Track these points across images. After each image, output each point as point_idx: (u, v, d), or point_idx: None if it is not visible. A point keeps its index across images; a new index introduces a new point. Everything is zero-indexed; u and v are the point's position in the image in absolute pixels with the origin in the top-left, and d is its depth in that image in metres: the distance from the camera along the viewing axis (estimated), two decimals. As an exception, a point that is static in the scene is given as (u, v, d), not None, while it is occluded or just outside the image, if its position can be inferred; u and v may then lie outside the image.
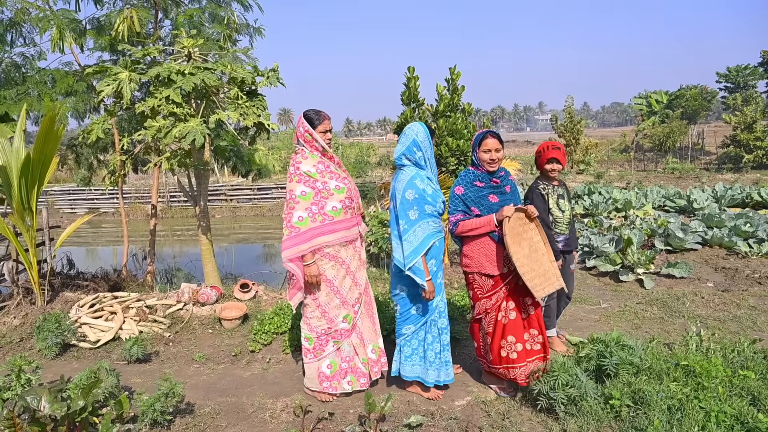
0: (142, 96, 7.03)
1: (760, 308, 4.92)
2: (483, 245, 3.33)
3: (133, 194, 22.63)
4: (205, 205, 6.01)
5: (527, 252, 3.30)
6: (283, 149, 30.26)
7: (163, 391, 3.05)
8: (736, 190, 11.72)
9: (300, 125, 3.38)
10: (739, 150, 22.75)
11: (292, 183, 3.29)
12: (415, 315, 3.38)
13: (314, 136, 3.33)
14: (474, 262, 3.38)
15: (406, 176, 3.26)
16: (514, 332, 3.32)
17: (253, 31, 7.13)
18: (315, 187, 3.27)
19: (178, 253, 15.12)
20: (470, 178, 3.41)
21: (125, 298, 5.20)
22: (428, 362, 3.39)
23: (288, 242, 3.28)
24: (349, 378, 3.47)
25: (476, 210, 3.35)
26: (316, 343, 3.44)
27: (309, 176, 3.28)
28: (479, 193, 3.35)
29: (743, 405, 2.81)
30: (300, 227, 3.24)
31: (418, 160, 3.30)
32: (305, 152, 3.36)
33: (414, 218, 3.20)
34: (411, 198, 3.20)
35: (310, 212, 3.25)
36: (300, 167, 3.30)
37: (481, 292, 3.40)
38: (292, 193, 3.27)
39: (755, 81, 40.65)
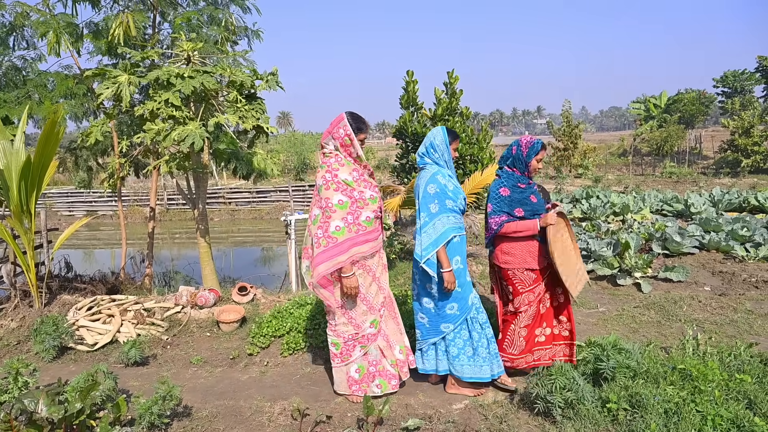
0: (142, 99, 7.04)
1: (756, 312, 4.93)
2: (526, 243, 3.49)
3: (132, 197, 22.64)
4: (204, 208, 6.02)
5: (561, 252, 3.44)
6: (282, 152, 30.30)
7: (160, 394, 3.05)
8: (733, 194, 11.75)
9: (340, 127, 3.23)
10: (736, 154, 22.83)
11: (329, 191, 3.16)
12: (451, 314, 3.41)
13: (354, 143, 3.25)
14: (517, 259, 3.51)
15: (428, 173, 3.37)
16: (547, 320, 3.60)
17: (252, 34, 7.15)
18: (352, 196, 3.19)
19: (176, 256, 15.12)
20: (513, 180, 3.55)
21: (123, 301, 5.20)
22: (480, 357, 3.42)
23: (323, 255, 3.16)
24: (378, 381, 3.45)
25: (520, 211, 3.47)
26: (343, 348, 3.41)
27: (347, 185, 3.19)
28: (523, 195, 3.51)
29: (739, 409, 2.82)
30: (337, 237, 3.14)
31: (437, 160, 3.42)
32: (340, 158, 3.25)
33: (434, 211, 3.27)
34: (432, 192, 3.29)
35: (346, 222, 3.16)
36: (338, 175, 3.18)
37: (522, 287, 3.54)
38: (328, 202, 3.15)
39: (752, 86, 40.80)
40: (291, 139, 31.49)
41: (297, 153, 29.60)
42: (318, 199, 3.24)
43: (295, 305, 4.89)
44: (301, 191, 22.92)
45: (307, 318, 4.58)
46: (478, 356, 3.42)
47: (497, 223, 3.49)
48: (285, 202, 22.32)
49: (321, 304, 4.80)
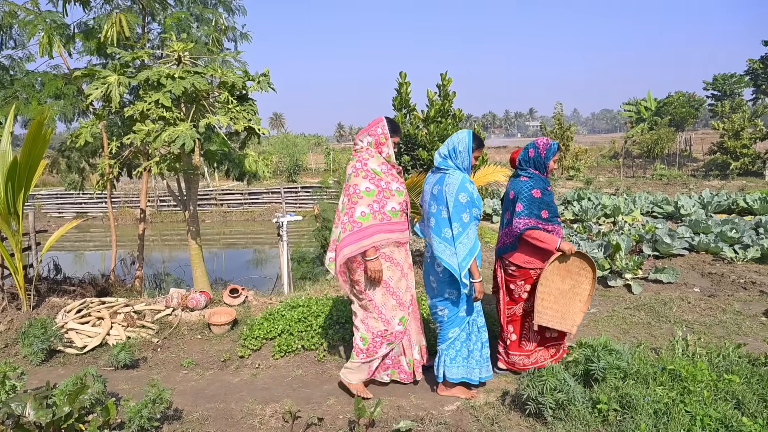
0: (132, 100, 7.00)
1: (745, 313, 4.98)
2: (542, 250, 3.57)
3: (122, 198, 22.48)
4: (195, 209, 5.99)
5: (566, 288, 3.58)
6: (275, 154, 30.21)
7: (150, 398, 3.02)
8: (722, 196, 11.87)
9: (378, 127, 3.45)
10: (726, 157, 23.06)
11: (358, 178, 3.32)
12: (461, 317, 3.44)
13: (388, 142, 3.44)
14: (538, 256, 3.59)
15: (455, 180, 3.30)
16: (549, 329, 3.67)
17: (240, 36, 7.13)
18: (379, 185, 3.33)
19: (167, 258, 15.02)
20: (542, 183, 3.64)
21: (113, 304, 5.15)
22: (474, 361, 3.46)
23: (349, 238, 3.28)
24: (390, 371, 3.62)
25: (545, 213, 3.58)
26: (371, 344, 3.48)
27: (375, 174, 3.35)
28: (549, 197, 3.64)
29: (728, 409, 2.84)
30: (362, 222, 3.27)
31: (458, 165, 3.38)
32: (371, 151, 3.44)
33: (466, 221, 3.26)
34: (465, 201, 3.25)
35: (371, 209, 3.29)
36: (368, 164, 3.36)
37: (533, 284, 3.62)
38: (356, 188, 3.30)
39: (741, 89, 41.25)
40: (283, 140, 31.42)
41: (289, 154, 29.50)
42: (346, 187, 3.38)
43: (286, 307, 4.87)
44: (294, 193, 22.86)
45: (298, 320, 4.56)
46: (471, 358, 3.46)
47: (526, 224, 3.52)
48: (277, 204, 22.26)
49: (312, 306, 4.79)
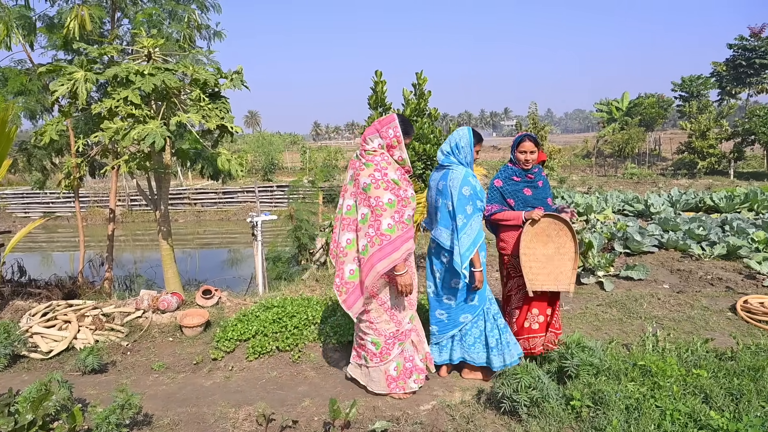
0: (100, 96, 6.81)
1: (712, 309, 5.11)
2: (517, 233, 3.76)
3: (92, 198, 21.92)
4: (166, 209, 5.86)
5: (551, 253, 3.69)
6: (250, 152, 29.84)
7: (118, 403, 2.94)
8: (690, 194, 12.19)
9: (390, 128, 3.29)
10: (693, 156, 23.69)
11: (380, 190, 3.18)
12: (471, 305, 3.59)
13: (401, 144, 3.30)
14: (509, 246, 3.81)
15: (459, 174, 3.46)
16: (538, 306, 3.81)
17: (213, 34, 6.98)
18: (398, 195, 3.24)
19: (139, 259, 14.71)
20: (509, 173, 3.86)
21: (81, 306, 5.01)
22: (490, 348, 3.61)
23: (380, 253, 3.16)
24: (414, 376, 3.53)
25: (512, 201, 3.80)
26: (384, 347, 3.44)
27: (395, 184, 3.24)
28: (515, 187, 3.81)
29: (696, 403, 2.91)
30: (390, 235, 3.18)
31: (461, 160, 3.54)
32: (386, 156, 3.31)
33: (470, 213, 3.43)
34: (468, 194, 3.42)
35: (394, 220, 3.21)
36: (388, 174, 3.23)
37: (513, 272, 3.84)
38: (379, 200, 3.18)
39: (707, 91, 42.43)
40: (259, 139, 31.05)
41: (265, 153, 29.17)
42: (365, 198, 3.24)
43: (261, 308, 4.80)
44: (269, 192, 22.63)
45: (273, 321, 4.50)
46: (488, 346, 3.62)
47: (488, 210, 3.80)
48: (252, 203, 22.01)
49: (287, 307, 4.73)
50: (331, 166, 28.11)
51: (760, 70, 40.49)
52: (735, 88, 41.89)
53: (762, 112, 22.46)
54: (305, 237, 8.22)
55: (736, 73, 41.22)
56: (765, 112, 22.17)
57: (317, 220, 8.77)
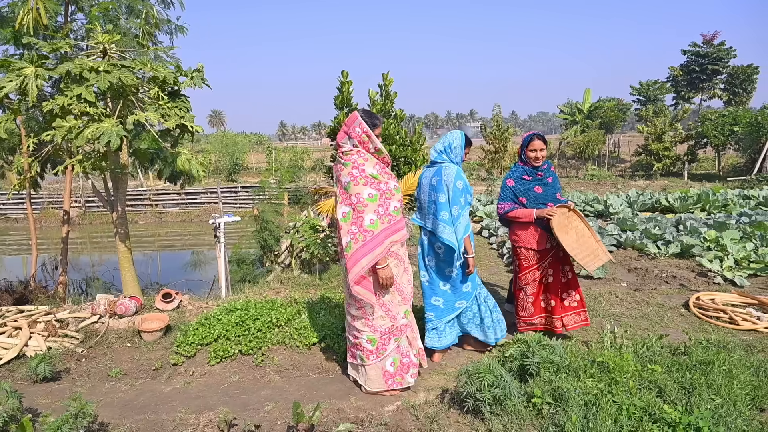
0: (53, 93, 6.54)
1: (666, 305, 5.29)
2: (530, 228, 4.16)
3: (46, 199, 21.05)
4: (123, 210, 5.67)
5: (575, 238, 4.07)
6: (214, 152, 29.26)
7: (71, 412, 2.83)
8: (647, 195, 12.60)
9: (355, 126, 3.34)
10: (649, 158, 24.49)
11: (359, 186, 3.24)
12: (465, 292, 3.98)
13: (371, 138, 3.35)
14: (522, 240, 4.20)
15: (452, 170, 3.82)
16: (553, 291, 4.25)
17: (175, 28, 6.78)
18: (380, 188, 3.28)
19: (96, 262, 14.21)
20: (519, 172, 4.20)
21: (32, 312, 4.81)
22: (485, 326, 4.04)
23: (361, 251, 3.22)
24: (411, 371, 3.58)
25: (524, 199, 4.15)
26: (379, 343, 3.46)
27: (374, 178, 3.28)
28: (527, 186, 4.15)
29: (651, 397, 3.00)
30: (373, 230, 3.23)
31: (452, 159, 3.90)
32: (362, 153, 3.35)
33: (463, 204, 3.81)
34: (461, 187, 3.79)
35: (378, 214, 3.25)
36: (365, 170, 3.28)
37: (527, 263, 4.22)
38: (359, 197, 3.23)
39: (663, 95, 44.02)
40: (223, 139, 30.47)
41: (229, 153, 28.66)
42: (346, 196, 3.29)
43: (223, 311, 4.71)
44: (233, 193, 22.25)
45: (236, 324, 4.42)
46: (483, 324, 4.03)
47: (502, 209, 4.22)
48: (216, 204, 21.58)
49: (251, 310, 4.66)
50: (298, 167, 27.88)
51: (712, 75, 42.31)
52: (689, 92, 43.64)
53: (714, 116, 23.43)
54: (270, 238, 8.10)
55: (690, 79, 42.96)
56: (716, 117, 23.14)
57: (283, 221, 8.66)
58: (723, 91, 42.84)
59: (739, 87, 41.39)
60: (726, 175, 22.59)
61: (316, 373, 3.99)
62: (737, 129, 21.80)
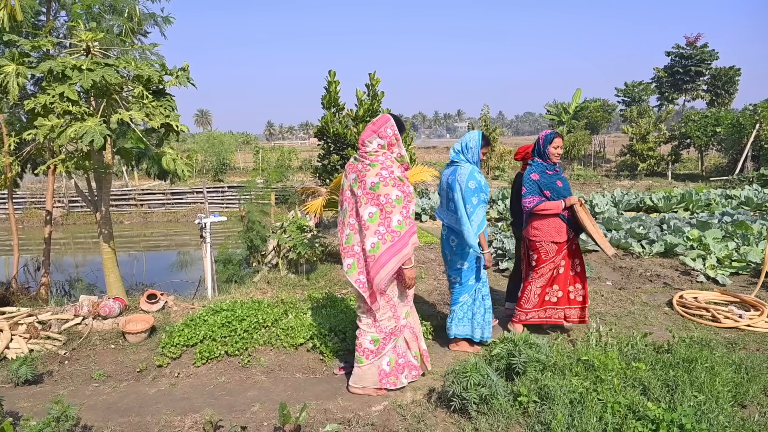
0: (35, 92, 6.44)
1: (650, 304, 5.36)
2: (552, 221, 4.27)
3: (28, 199, 20.72)
4: (107, 210, 5.60)
5: (590, 223, 4.29)
6: (200, 152, 29.00)
7: (54, 415, 2.79)
8: (632, 195, 12.75)
9: (387, 127, 3.38)
10: (634, 159, 24.79)
11: (388, 187, 3.24)
12: (470, 285, 4.15)
13: (399, 142, 3.43)
14: (543, 233, 4.30)
15: (466, 170, 4.01)
16: (561, 283, 4.38)
17: (162, 20, 6.68)
18: (404, 191, 3.32)
19: (80, 263, 14.02)
20: (541, 168, 4.36)
21: (14, 314, 4.73)
22: (476, 322, 4.17)
23: (391, 250, 3.25)
24: (405, 372, 3.60)
25: (548, 193, 4.28)
26: (381, 343, 3.50)
27: (401, 181, 3.33)
28: (550, 180, 4.31)
29: (635, 395, 3.03)
30: (400, 231, 3.27)
31: (469, 159, 4.09)
32: (389, 155, 3.39)
33: (476, 203, 3.96)
34: (473, 187, 3.96)
35: (402, 215, 3.29)
36: (394, 172, 3.31)
37: (545, 256, 4.32)
38: (388, 197, 3.24)
39: (647, 96, 44.60)
40: (209, 138, 30.21)
41: (216, 153, 28.42)
42: (373, 196, 3.26)
43: (209, 312, 4.67)
44: (220, 193, 22.09)
45: (222, 325, 4.39)
46: (474, 320, 4.16)
47: (532, 202, 4.28)
48: (202, 204, 21.41)
49: (237, 310, 4.63)
50: (285, 167, 27.74)
51: (695, 77, 42.96)
52: (672, 94, 44.26)
53: (697, 117, 23.78)
54: (257, 238, 8.05)
55: (674, 80, 43.57)
56: (699, 117, 23.49)
57: (269, 221, 8.61)
58: (706, 92, 43.54)
59: (721, 88, 42.08)
60: (709, 175, 22.93)
61: (302, 373, 3.97)
62: (720, 130, 22.15)
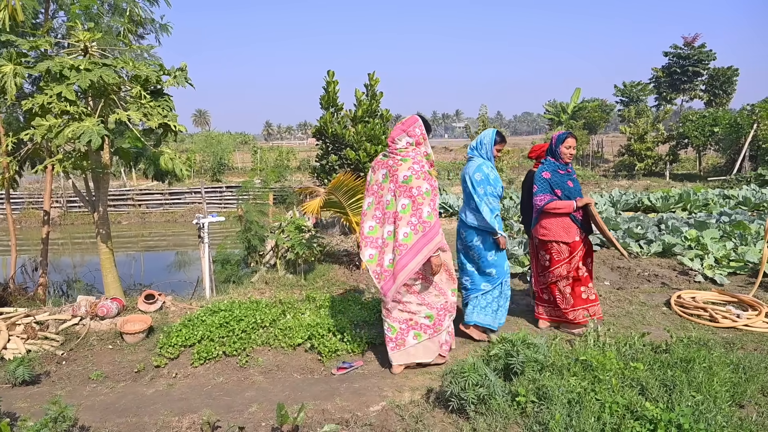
0: (32, 91, 6.43)
1: (648, 304, 5.36)
2: (560, 220, 4.31)
3: (26, 199, 20.67)
4: (105, 210, 5.59)
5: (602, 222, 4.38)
6: (198, 152, 28.96)
7: (51, 416, 2.78)
8: (629, 195, 12.77)
9: (416, 127, 3.67)
10: (632, 159, 24.80)
11: (420, 180, 3.53)
12: (489, 277, 4.32)
13: (426, 141, 3.72)
14: (552, 233, 4.35)
15: (474, 163, 4.25)
16: (586, 282, 4.47)
17: (160, 27, 6.70)
18: (432, 185, 3.61)
19: (78, 263, 14.00)
20: (553, 166, 4.40)
21: (11, 314, 4.72)
22: (499, 315, 4.40)
23: (422, 241, 3.53)
24: (452, 345, 4.05)
25: (558, 191, 4.32)
26: (436, 318, 3.83)
27: (430, 175, 3.63)
28: (561, 179, 4.35)
29: (633, 395, 3.03)
30: (430, 222, 3.54)
31: (482, 154, 4.29)
32: (418, 152, 3.66)
33: (482, 193, 4.15)
34: (479, 179, 4.17)
35: (431, 207, 3.57)
36: (425, 167, 3.62)
37: (558, 256, 4.39)
38: (420, 189, 3.53)
39: (645, 96, 44.65)
40: (207, 138, 30.17)
41: (214, 153, 28.38)
42: (405, 189, 3.54)
43: (207, 312, 4.67)
44: (218, 193, 22.06)
45: (220, 325, 4.39)
46: (498, 313, 4.38)
47: (543, 200, 4.31)
48: (200, 204, 21.38)
49: (235, 311, 4.62)
50: (283, 167, 27.71)
51: (693, 77, 43.00)
52: (670, 94, 44.30)
53: (694, 117, 23.81)
54: (255, 239, 8.03)
55: (672, 80, 43.61)
56: (697, 117, 23.52)
57: (267, 221, 8.60)
58: (704, 92, 43.58)
59: (719, 88, 42.13)
60: (706, 175, 22.97)
61: (300, 374, 3.97)
62: (717, 130, 22.18)
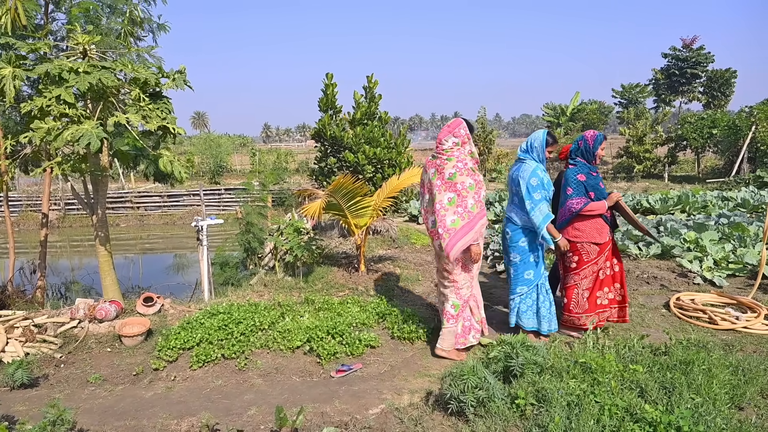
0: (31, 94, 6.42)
1: (648, 306, 5.36)
2: (594, 221, 4.33)
3: (25, 201, 20.63)
4: (104, 213, 5.58)
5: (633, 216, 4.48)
6: (197, 154, 28.93)
7: (49, 419, 2.78)
8: (628, 197, 12.77)
9: (461, 129, 4.03)
10: (631, 160, 24.82)
11: (463, 176, 3.91)
12: (526, 279, 4.38)
13: (470, 141, 4.05)
14: (585, 234, 4.34)
15: (529, 167, 4.28)
16: (608, 285, 4.45)
17: (157, 27, 6.67)
18: (476, 179, 3.97)
19: (76, 266, 13.98)
20: (586, 169, 4.41)
21: (9, 317, 4.71)
22: (542, 316, 4.37)
23: (467, 227, 3.86)
24: (473, 333, 4.20)
25: (592, 194, 4.35)
26: (461, 308, 4.11)
27: (473, 171, 3.98)
28: (594, 181, 4.39)
29: (632, 397, 3.03)
30: (473, 212, 3.89)
31: (534, 157, 4.33)
32: (462, 151, 4.00)
33: (537, 199, 4.19)
34: (535, 184, 4.21)
35: (474, 200, 3.91)
36: (467, 164, 3.97)
37: (587, 257, 4.36)
38: (464, 184, 3.90)
39: (644, 98, 44.76)
40: (206, 140, 30.14)
41: (213, 155, 28.36)
42: (451, 185, 3.91)
43: (206, 315, 4.67)
44: (217, 195, 22.05)
45: (218, 328, 4.38)
46: (540, 314, 4.37)
47: (580, 203, 4.30)
48: (199, 207, 21.35)
49: (234, 313, 4.62)
50: (282, 169, 27.67)
51: (692, 79, 43.13)
52: (669, 95, 44.42)
53: (693, 119, 23.84)
54: (254, 241, 8.03)
55: (670, 82, 43.74)
56: (696, 119, 23.55)
57: (266, 223, 8.59)
58: (702, 94, 43.69)
59: (717, 90, 42.24)
60: (705, 177, 22.99)
61: (299, 376, 3.96)
62: (716, 132, 22.21)
